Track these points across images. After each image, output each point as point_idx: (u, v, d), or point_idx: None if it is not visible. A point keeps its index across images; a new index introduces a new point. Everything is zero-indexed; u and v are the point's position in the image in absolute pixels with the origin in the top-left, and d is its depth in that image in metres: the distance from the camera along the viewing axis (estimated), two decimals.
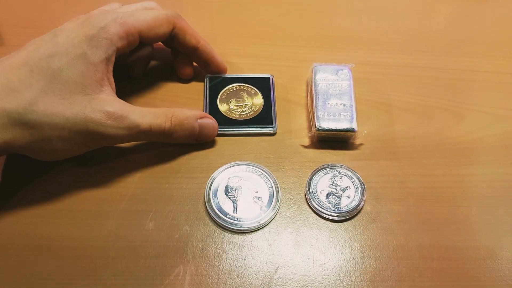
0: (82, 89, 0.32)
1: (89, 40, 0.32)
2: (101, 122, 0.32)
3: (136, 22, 0.35)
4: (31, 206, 0.34)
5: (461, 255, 0.33)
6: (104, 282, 0.31)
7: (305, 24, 0.48)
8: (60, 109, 0.31)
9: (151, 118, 0.34)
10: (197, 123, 0.36)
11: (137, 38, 0.35)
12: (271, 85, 0.42)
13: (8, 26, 0.45)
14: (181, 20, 0.38)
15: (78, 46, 0.32)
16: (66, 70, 0.31)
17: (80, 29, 0.33)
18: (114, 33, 0.33)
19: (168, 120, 0.35)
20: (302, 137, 0.39)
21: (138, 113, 0.34)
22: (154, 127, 0.34)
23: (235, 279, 0.32)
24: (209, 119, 0.37)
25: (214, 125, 0.38)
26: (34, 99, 0.30)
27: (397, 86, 0.43)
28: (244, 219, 0.34)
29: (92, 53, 0.32)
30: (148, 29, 0.36)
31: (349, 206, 0.35)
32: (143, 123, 0.34)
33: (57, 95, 0.31)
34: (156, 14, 0.36)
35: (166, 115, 0.35)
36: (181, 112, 0.36)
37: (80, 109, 0.31)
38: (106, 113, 0.32)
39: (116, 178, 0.36)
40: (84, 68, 0.32)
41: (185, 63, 0.41)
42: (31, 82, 0.31)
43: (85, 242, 0.33)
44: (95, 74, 0.32)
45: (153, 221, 0.34)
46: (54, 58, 0.31)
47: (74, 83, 0.32)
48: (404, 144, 0.39)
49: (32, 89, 0.31)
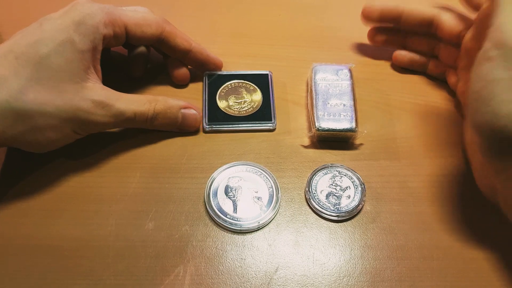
0: (70, 77, 0.32)
1: (76, 26, 0.32)
2: (89, 110, 0.33)
3: (123, 15, 0.35)
4: (31, 206, 0.34)
5: (461, 255, 0.33)
6: (104, 282, 0.31)
7: (305, 24, 0.48)
8: (49, 98, 0.31)
9: (136, 106, 0.35)
10: (180, 113, 0.37)
11: (123, 31, 0.35)
12: (270, 81, 0.42)
13: (8, 26, 0.45)
14: (170, 25, 0.38)
15: (64, 31, 0.32)
16: (54, 56, 0.31)
17: (65, 15, 0.33)
18: (100, 20, 0.33)
19: (151, 108, 0.36)
20: (302, 137, 0.39)
21: (124, 101, 0.35)
22: (138, 114, 0.35)
23: (235, 279, 0.32)
24: (193, 110, 0.38)
25: (197, 116, 0.38)
26: (23, 88, 0.30)
27: (397, 86, 0.43)
28: (244, 219, 0.34)
29: (80, 40, 0.32)
30: (135, 25, 0.36)
31: (349, 206, 0.35)
32: (128, 111, 0.35)
33: (46, 83, 0.31)
34: (145, 14, 0.37)
35: (150, 102, 0.36)
36: (165, 101, 0.37)
37: (70, 97, 0.32)
38: (94, 101, 0.33)
39: (116, 178, 0.36)
40: (71, 55, 0.32)
41: (179, 67, 0.41)
42: (18, 69, 0.30)
43: (85, 242, 0.33)
44: (82, 62, 0.32)
45: (153, 221, 0.34)
46: (40, 44, 0.31)
47: (62, 71, 0.32)
48: (404, 144, 0.39)
49: (19, 77, 0.30)
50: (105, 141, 0.38)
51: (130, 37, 0.36)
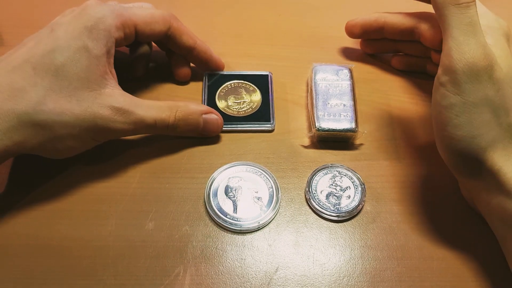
0: (87, 84, 0.32)
1: (88, 32, 0.32)
2: (109, 118, 0.32)
3: (133, 15, 0.35)
4: (31, 206, 0.34)
5: (461, 255, 0.33)
6: (104, 282, 0.31)
7: (305, 24, 0.48)
8: (68, 107, 0.31)
9: (156, 113, 0.35)
10: (201, 118, 0.37)
11: (133, 31, 0.35)
12: (270, 82, 0.42)
13: (8, 26, 0.45)
14: (177, 21, 0.38)
15: (78, 38, 0.32)
16: (70, 65, 0.31)
17: (77, 20, 0.33)
18: (111, 24, 0.33)
19: (172, 115, 0.35)
20: (302, 137, 0.39)
21: (144, 107, 0.34)
22: (159, 121, 0.35)
23: (235, 279, 0.32)
24: (214, 115, 0.38)
25: (219, 121, 0.38)
26: (42, 98, 0.30)
27: (397, 86, 0.43)
28: (244, 219, 0.34)
29: (93, 45, 0.32)
30: (144, 24, 0.36)
31: (349, 206, 0.35)
32: (148, 118, 0.34)
33: (64, 92, 0.31)
34: (153, 12, 0.37)
35: (171, 109, 0.35)
36: (186, 107, 0.36)
37: (88, 105, 0.32)
38: (113, 108, 0.32)
39: (116, 178, 0.36)
40: (87, 62, 0.32)
41: (182, 64, 0.41)
42: (36, 80, 0.31)
43: (85, 242, 0.33)
44: (98, 68, 0.32)
45: (153, 221, 0.34)
46: (56, 54, 0.31)
47: (79, 79, 0.31)
48: (404, 144, 0.39)
49: (38, 88, 0.30)
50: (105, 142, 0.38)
51: (139, 35, 0.36)
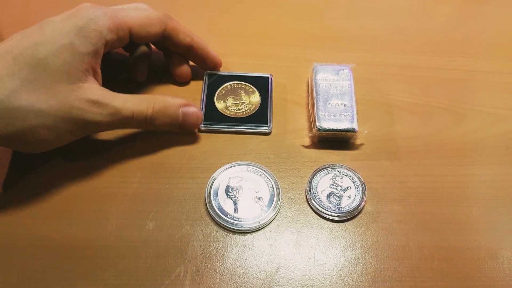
0: (67, 77, 0.31)
1: (78, 30, 0.32)
2: (84, 109, 0.32)
3: (127, 17, 0.35)
4: (31, 206, 0.34)
5: (461, 255, 0.33)
6: (105, 282, 0.31)
7: (305, 24, 0.48)
8: (43, 98, 0.31)
9: (133, 105, 0.34)
10: (180, 111, 0.36)
11: (127, 33, 0.35)
12: (270, 84, 0.42)
13: (8, 26, 0.45)
14: (173, 20, 0.38)
15: (65, 35, 0.32)
16: (52, 58, 0.31)
17: (68, 20, 0.33)
18: (103, 25, 0.33)
19: (150, 107, 0.35)
20: (303, 137, 0.39)
21: (121, 100, 0.34)
22: (136, 113, 0.34)
23: (236, 279, 0.32)
24: (193, 107, 0.37)
25: (198, 113, 0.37)
26: (18, 87, 0.30)
27: (398, 86, 0.43)
28: (244, 219, 0.34)
29: (80, 43, 0.32)
30: (139, 26, 0.35)
31: (350, 206, 0.35)
32: (125, 110, 0.34)
33: (41, 84, 0.31)
34: (148, 13, 0.36)
35: (148, 101, 0.35)
36: (164, 99, 0.36)
37: (64, 96, 0.31)
38: (89, 100, 0.32)
39: (117, 178, 0.36)
40: (70, 58, 0.32)
41: (181, 63, 0.41)
42: (14, 70, 0.30)
43: (86, 242, 0.33)
44: (81, 65, 0.32)
45: (154, 221, 0.34)
46: (39, 46, 0.31)
47: (60, 72, 0.31)
48: (405, 144, 0.39)
49: (14, 78, 0.30)
50: (105, 141, 0.38)
51: (135, 38, 0.36)
